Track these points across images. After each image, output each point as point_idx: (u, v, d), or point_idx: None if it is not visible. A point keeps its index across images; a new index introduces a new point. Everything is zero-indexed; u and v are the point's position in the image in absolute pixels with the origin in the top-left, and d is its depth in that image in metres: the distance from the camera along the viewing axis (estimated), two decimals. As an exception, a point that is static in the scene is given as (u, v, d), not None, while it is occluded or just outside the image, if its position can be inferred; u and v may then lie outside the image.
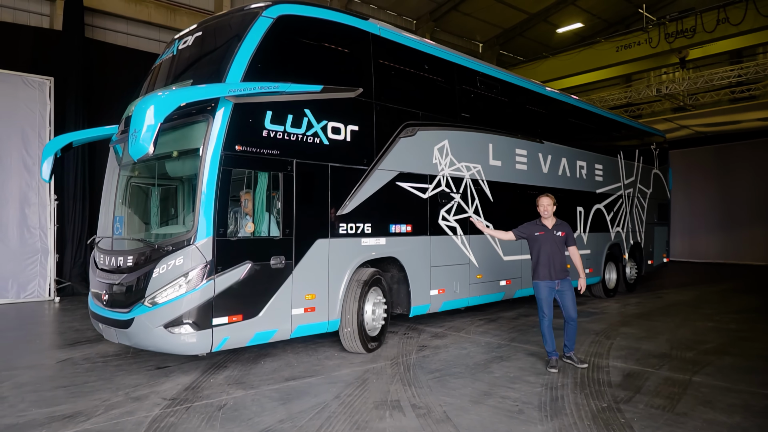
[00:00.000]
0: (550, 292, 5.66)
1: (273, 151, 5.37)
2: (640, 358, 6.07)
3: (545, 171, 9.41)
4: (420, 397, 4.67)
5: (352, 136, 6.14)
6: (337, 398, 4.64)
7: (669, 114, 20.45)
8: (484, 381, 5.18)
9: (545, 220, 5.78)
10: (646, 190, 12.84)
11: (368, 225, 6.30)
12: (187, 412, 4.27)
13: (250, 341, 5.25)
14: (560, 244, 5.70)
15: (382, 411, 4.33)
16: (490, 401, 4.59)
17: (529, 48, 21.53)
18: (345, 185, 6.07)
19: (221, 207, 4.97)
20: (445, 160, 7.37)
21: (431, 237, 7.14)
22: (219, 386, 4.99)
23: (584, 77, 20.29)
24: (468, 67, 8.01)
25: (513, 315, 9.01)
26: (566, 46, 20.41)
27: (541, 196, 5.81)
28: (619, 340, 7.06)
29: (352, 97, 6.15)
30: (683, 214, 21.17)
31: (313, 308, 5.71)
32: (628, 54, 18.07)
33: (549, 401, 4.61)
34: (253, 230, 5.27)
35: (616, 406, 4.48)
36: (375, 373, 5.43)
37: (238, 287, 5.09)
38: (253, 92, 5.06)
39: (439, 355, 6.18)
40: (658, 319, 8.80)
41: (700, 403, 4.57)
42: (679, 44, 16.62)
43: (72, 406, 4.41)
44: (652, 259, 13.06)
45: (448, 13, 19.31)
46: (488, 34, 20.87)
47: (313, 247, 5.70)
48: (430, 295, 7.12)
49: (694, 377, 5.32)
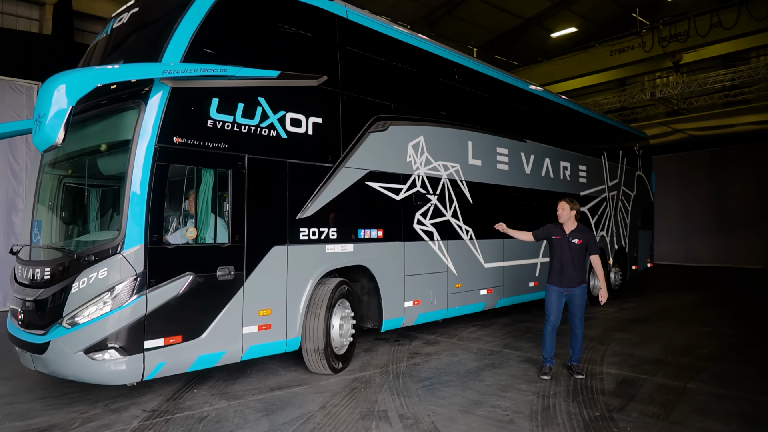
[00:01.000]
0: (558, 297, 5.47)
1: (220, 144, 4.63)
2: (634, 365, 5.92)
3: (528, 171, 8.82)
4: (408, 407, 4.55)
5: (314, 129, 5.43)
6: (323, 408, 4.50)
7: (663, 118, 20.35)
8: (475, 389, 5.04)
9: (565, 224, 5.53)
10: (630, 193, 12.39)
11: (333, 230, 5.59)
12: (166, 425, 4.12)
13: (192, 366, 4.48)
14: (576, 251, 5.42)
15: (369, 422, 4.20)
16: (480, 411, 4.47)
17: (525, 52, 21.29)
18: (306, 185, 5.36)
19: (155, 209, 4.21)
20: (420, 158, 6.70)
21: (405, 243, 6.46)
22: (202, 397, 4.81)
23: (579, 81, 20.18)
24: (445, 58, 7.37)
25: (507, 320, 8.68)
26: (561, 50, 20.21)
27: (560, 200, 5.60)
28: (613, 345, 6.91)
29: (314, 85, 5.44)
30: (678, 218, 20.95)
31: (269, 325, 4.98)
32: (621, 58, 18.06)
33: (540, 410, 4.49)
34: (196, 236, 4.52)
35: (609, 414, 4.37)
36: (363, 382, 5.26)
37: (177, 303, 4.33)
38: (194, 75, 4.32)
39: (430, 363, 5.99)
40: (653, 323, 8.60)
41: (696, 411, 4.48)
42: (672, 48, 16.53)
43: (48, 419, 4.25)
44: (636, 264, 12.61)
45: (442, 17, 19.05)
46: (483, 38, 20.57)
47: (268, 256, 4.98)
48: (405, 307, 6.43)
49: (689, 384, 5.20)
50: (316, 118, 5.45)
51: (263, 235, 4.96)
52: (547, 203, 9.14)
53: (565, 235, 5.47)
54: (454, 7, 18.47)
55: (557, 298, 5.46)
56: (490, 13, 18.67)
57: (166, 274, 4.28)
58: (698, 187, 21.05)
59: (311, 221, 5.36)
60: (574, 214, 5.49)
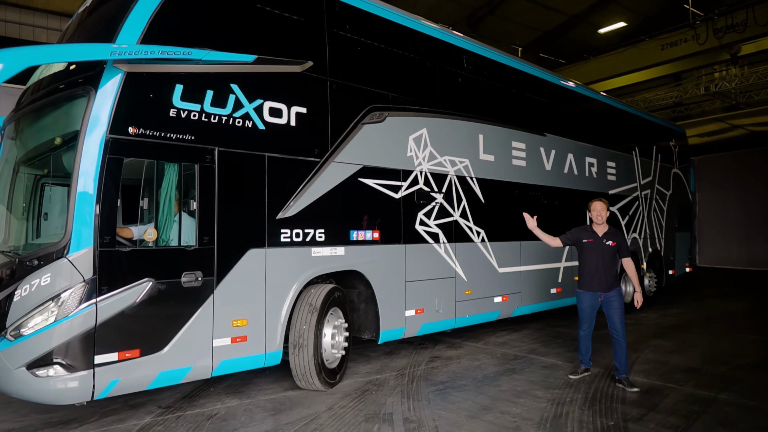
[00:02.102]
0: (592, 304, 5.26)
1: (185, 135, 4.16)
2: (664, 373, 5.62)
3: (548, 168, 8.10)
4: (415, 411, 4.47)
5: (298, 120, 4.92)
6: (330, 410, 4.49)
7: (720, 113, 19.18)
8: (488, 395, 4.89)
9: (597, 226, 5.31)
10: (665, 192, 11.45)
11: (321, 231, 5.05)
12: (176, 421, 4.22)
13: (153, 383, 4.00)
14: (610, 254, 5.23)
15: (372, 424, 4.16)
16: (488, 416, 4.34)
17: (571, 50, 20.50)
18: (289, 181, 4.84)
19: (106, 208, 3.76)
20: (423, 152, 6.11)
21: (406, 245, 5.86)
22: (216, 395, 4.88)
23: (629, 78, 19.28)
24: (452, 44, 6.76)
25: (540, 325, 8.33)
26: (609, 46, 19.32)
27: (593, 201, 5.34)
28: (647, 353, 6.55)
29: (298, 71, 4.93)
30: (738, 219, 19.53)
31: (244, 337, 4.47)
32: (674, 52, 17.19)
33: (551, 418, 4.31)
34: (156, 238, 4.04)
35: (624, 425, 4.17)
36: (377, 385, 5.21)
37: (134, 313, 3.87)
38: (151, 57, 3.86)
39: (449, 367, 5.85)
40: (696, 330, 8.12)
41: (720, 423, 4.21)
42: (729, 40, 15.52)
43: (70, 413, 4.38)
44: (673, 269, 11.63)
45: (484, 18, 18.54)
46: (528, 37, 19.92)
47: (243, 260, 4.47)
48: (406, 317, 5.83)
49: (721, 394, 4.91)
50: (299, 108, 4.93)
51: (237, 236, 4.46)
52: (572, 202, 8.43)
53: (598, 238, 5.26)
54: (496, 6, 17.85)
55: (591, 305, 5.26)
56: (534, 10, 17.94)
57: (121, 280, 3.82)
58: (760, 186, 19.43)
59: (294, 221, 4.84)
60: (607, 216, 5.31)
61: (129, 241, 4.01)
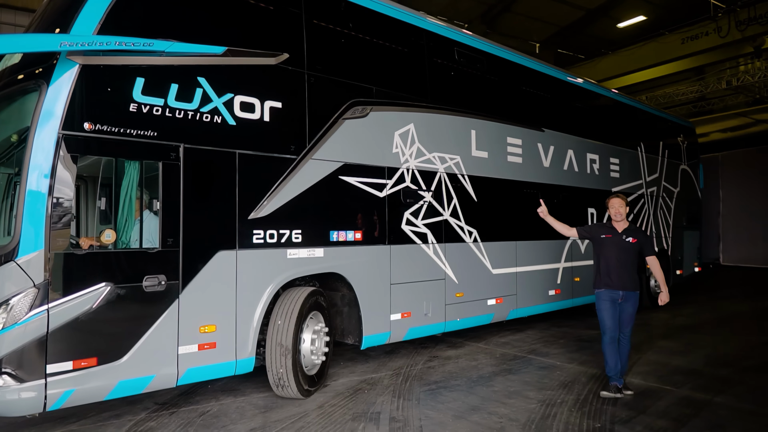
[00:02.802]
0: (612, 303, 4.90)
1: (147, 131, 3.93)
2: (663, 375, 5.49)
3: (546, 165, 7.79)
4: (403, 410, 4.46)
5: (272, 115, 4.68)
6: (320, 408, 4.53)
7: (744, 108, 18.66)
8: (479, 395, 4.85)
9: (616, 223, 5.04)
10: (672, 189, 11.07)
11: (297, 232, 4.81)
12: (169, 417, 4.29)
13: (111, 394, 3.79)
14: (629, 251, 4.92)
15: (358, 423, 4.17)
16: (475, 417, 4.31)
17: (589, 45, 20.04)
18: (262, 179, 4.61)
19: (59, 209, 3.55)
20: (410, 149, 5.84)
21: (391, 246, 5.61)
22: (212, 392, 4.95)
23: (648, 73, 18.63)
24: (442, 35, 6.47)
25: (546, 325, 8.19)
26: (628, 41, 18.78)
27: (611, 197, 5.08)
28: (650, 354, 6.40)
29: (272, 64, 4.69)
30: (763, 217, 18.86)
31: (213, 344, 4.25)
32: (694, 45, 16.59)
33: (538, 419, 4.26)
34: (114, 240, 3.83)
35: (610, 427, 4.11)
36: (371, 384, 5.21)
37: (90, 320, 3.66)
38: (107, 48, 3.65)
39: (446, 367, 5.81)
40: (706, 331, 7.93)
41: (710, 426, 4.12)
42: (752, 32, 14.93)
43: (70, 408, 4.13)
44: (681, 269, 11.24)
45: (500, 14, 18.13)
46: (545, 33, 19.51)
47: (211, 262, 4.25)
48: (391, 321, 5.58)
49: (717, 398, 4.79)
50: (274, 103, 4.69)
51: (205, 238, 4.24)
52: (572, 200, 8.12)
53: (617, 233, 4.97)
54: (511, 2, 17.46)
55: (611, 305, 4.90)
56: (551, 6, 17.50)
57: (76, 285, 3.61)
58: None
59: (268, 222, 4.60)
60: (626, 213, 5.04)
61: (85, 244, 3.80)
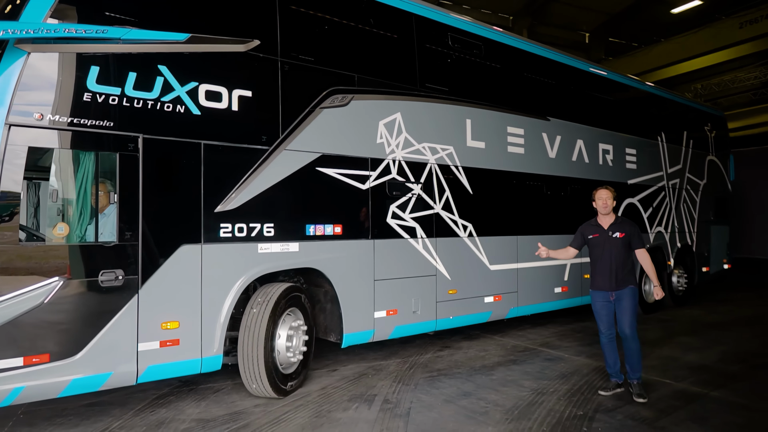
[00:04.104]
0: (605, 305, 4.74)
1: (102, 122, 3.81)
2: (668, 369, 5.45)
3: (552, 156, 7.40)
4: (398, 394, 4.66)
5: (241, 104, 4.50)
6: (323, 389, 4.78)
7: None
8: (476, 382, 5.00)
9: (602, 218, 4.83)
10: (698, 182, 10.44)
11: (269, 225, 4.63)
12: (187, 393, 4.73)
13: (65, 391, 3.69)
14: (620, 247, 4.70)
15: (352, 403, 4.42)
16: (464, 401, 4.47)
17: (642, 33, 19.32)
18: (230, 171, 4.44)
19: (7, 201, 3.47)
20: (396, 139, 5.59)
21: (375, 241, 5.37)
22: (227, 374, 5.13)
23: (703, 60, 17.89)
24: (433, 20, 6.17)
25: (569, 319, 8.10)
26: (682, 27, 18.07)
27: (598, 189, 4.88)
28: (665, 350, 6.32)
29: (241, 51, 4.52)
30: None
31: (176, 341, 4.11)
32: (754, 30, 15.77)
33: (524, 406, 4.38)
34: (67, 233, 3.73)
35: (591, 415, 4.17)
36: (377, 370, 5.42)
37: (41, 315, 3.56)
38: (57, 36, 3.54)
39: (454, 356, 5.96)
40: (736, 329, 7.68)
41: (692, 418, 4.13)
42: None
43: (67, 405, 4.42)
44: (707, 266, 10.60)
45: (546, 5, 17.73)
46: (594, 22, 18.84)
47: (174, 257, 4.11)
48: (375, 318, 5.35)
49: (714, 392, 4.75)
50: (243, 91, 4.52)
51: (167, 232, 4.10)
52: (582, 193, 7.68)
53: (603, 231, 4.76)
54: None
55: (604, 305, 4.73)
56: None
57: (26, 279, 3.52)
58: None
59: (237, 215, 4.43)
60: (613, 206, 4.82)
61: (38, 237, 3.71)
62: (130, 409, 4.33)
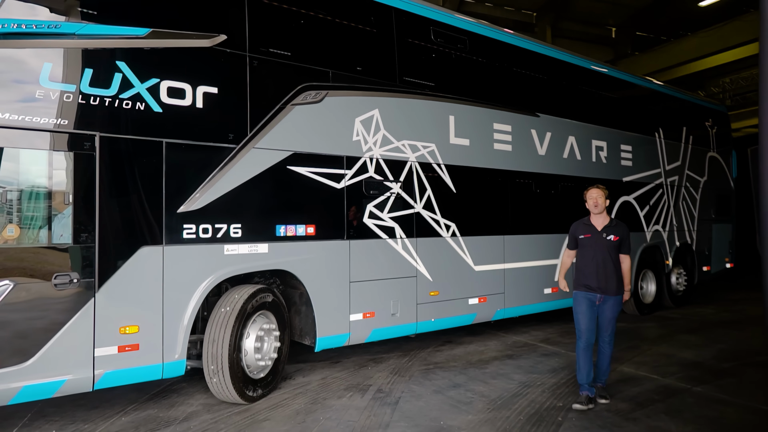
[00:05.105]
0: (589, 306, 4.53)
1: (55, 120, 3.69)
2: (659, 366, 5.52)
3: (542, 153, 7.20)
4: (392, 384, 4.86)
5: (206, 101, 4.36)
6: (323, 379, 5.03)
7: None
8: (468, 375, 5.15)
9: (595, 217, 4.66)
10: (698, 179, 10.17)
11: (236, 226, 4.49)
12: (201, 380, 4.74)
13: (16, 398, 3.58)
14: (611, 249, 4.55)
15: (347, 392, 4.67)
16: (452, 392, 4.64)
17: (668, 27, 19.03)
18: (194, 170, 4.31)
19: (-49, 202, 3.36)
20: (374, 136, 5.43)
21: (350, 241, 5.22)
22: None
23: (731, 54, 17.56)
24: (413, 14, 5.99)
25: None
26: (710, 21, 17.71)
27: (589, 188, 4.72)
28: (663, 347, 6.37)
29: (207, 46, 4.38)
30: None
31: (135, 345, 3.98)
32: None
33: (508, 397, 4.54)
34: (18, 235, 3.61)
35: (569, 406, 4.30)
36: (377, 362, 5.60)
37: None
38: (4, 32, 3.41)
39: (454, 351, 6.14)
40: (741, 328, 7.61)
41: (666, 412, 4.23)
42: None
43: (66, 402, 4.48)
44: (708, 265, 10.34)
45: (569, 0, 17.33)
46: (620, 16, 18.54)
47: (133, 259, 3.98)
48: (351, 321, 5.20)
49: (697, 388, 4.82)
50: (208, 88, 4.38)
51: (125, 233, 3.98)
52: (574, 191, 7.48)
53: (596, 232, 4.58)
54: None
55: (589, 308, 4.53)
56: None
57: (-28, 283, 3.41)
58: None
59: (201, 215, 4.30)
60: (606, 205, 4.65)
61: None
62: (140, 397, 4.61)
